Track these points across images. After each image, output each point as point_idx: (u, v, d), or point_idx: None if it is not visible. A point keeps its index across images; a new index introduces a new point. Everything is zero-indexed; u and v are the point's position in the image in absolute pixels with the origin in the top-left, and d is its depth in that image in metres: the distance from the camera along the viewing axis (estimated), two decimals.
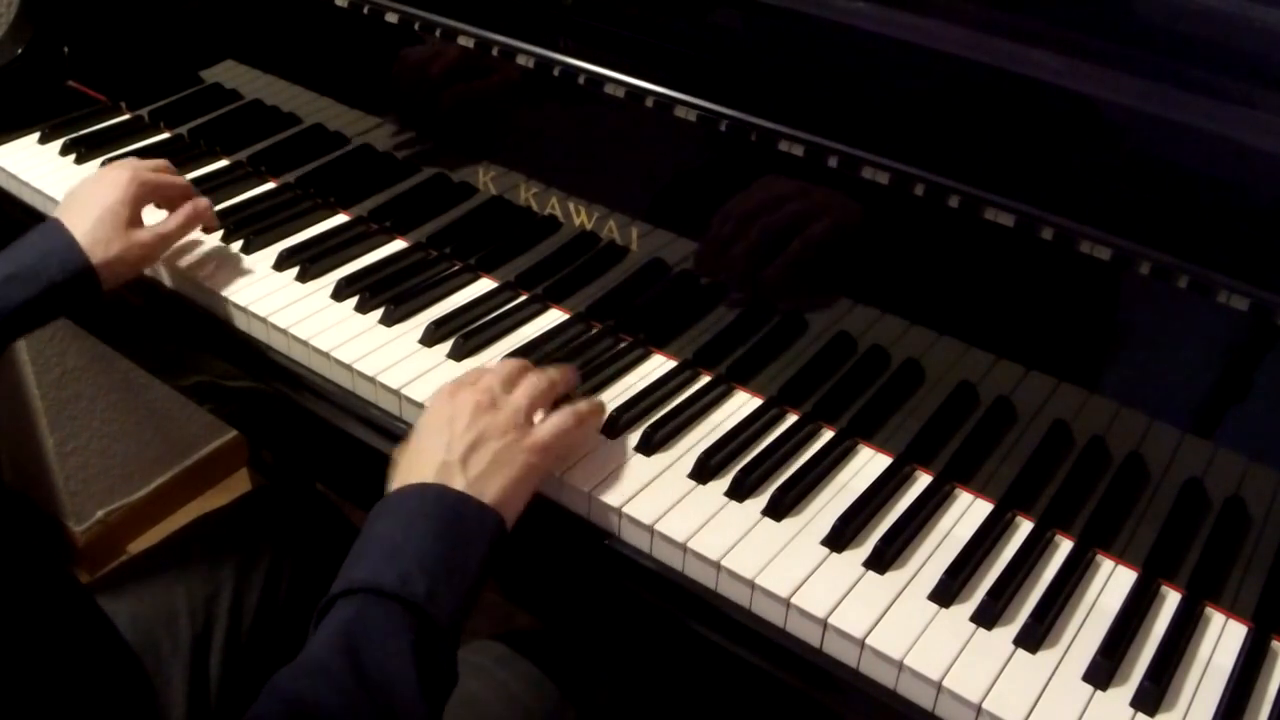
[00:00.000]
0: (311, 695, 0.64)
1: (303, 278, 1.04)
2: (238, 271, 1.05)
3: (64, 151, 1.22)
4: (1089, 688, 0.72)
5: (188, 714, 0.92)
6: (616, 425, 0.88)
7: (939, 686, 0.71)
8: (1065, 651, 0.74)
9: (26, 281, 0.90)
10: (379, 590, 0.67)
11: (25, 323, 0.92)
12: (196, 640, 0.95)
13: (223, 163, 1.23)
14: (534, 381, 0.83)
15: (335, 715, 0.63)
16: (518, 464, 0.77)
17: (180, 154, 1.22)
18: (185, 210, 1.02)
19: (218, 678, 0.95)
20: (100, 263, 0.94)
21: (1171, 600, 0.78)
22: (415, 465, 0.76)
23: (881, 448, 0.89)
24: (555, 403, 0.85)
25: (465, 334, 0.96)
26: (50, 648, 0.51)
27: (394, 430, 0.91)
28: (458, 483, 0.74)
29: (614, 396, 0.92)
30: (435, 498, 0.73)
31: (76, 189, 1.00)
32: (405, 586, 0.67)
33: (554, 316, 1.02)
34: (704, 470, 0.84)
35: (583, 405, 0.85)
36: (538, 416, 0.82)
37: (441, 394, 0.82)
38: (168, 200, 1.04)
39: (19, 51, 1.29)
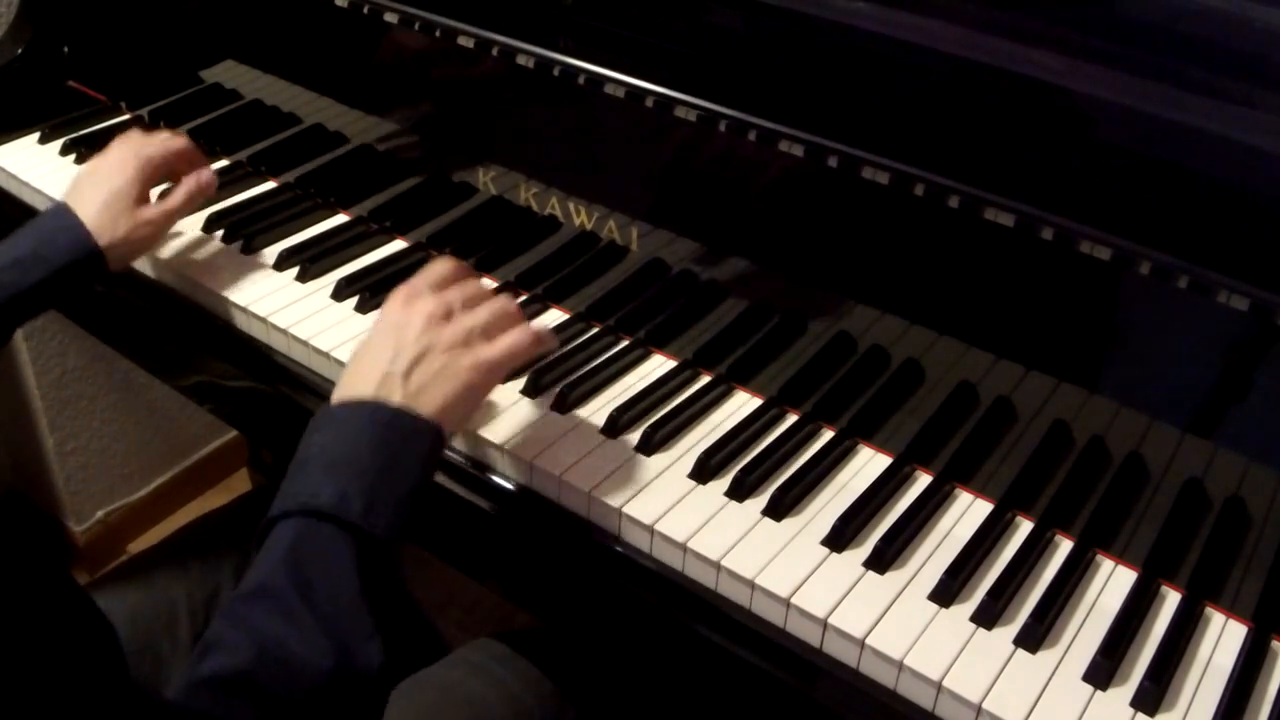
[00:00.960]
0: (261, 619, 0.65)
1: (303, 278, 1.04)
2: (238, 271, 1.05)
3: (64, 151, 1.22)
4: (1089, 688, 0.72)
5: None
6: (616, 425, 0.88)
7: (939, 686, 0.71)
8: (1065, 651, 0.74)
9: (35, 265, 0.91)
10: (318, 512, 0.68)
11: (35, 305, 0.93)
12: (196, 640, 0.95)
13: (223, 163, 1.23)
14: (497, 306, 0.82)
15: (286, 640, 0.65)
16: (461, 380, 0.77)
17: None
18: (188, 184, 1.02)
19: None
20: (108, 244, 0.95)
21: (1171, 600, 0.78)
22: (360, 372, 0.77)
23: (881, 448, 0.89)
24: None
25: None
26: (48, 648, 0.51)
27: None
28: (396, 395, 0.75)
29: (614, 396, 0.92)
30: (371, 411, 0.74)
31: (83, 171, 1.00)
32: (342, 504, 0.68)
33: (554, 316, 1.02)
34: (704, 470, 0.84)
35: (541, 330, 0.83)
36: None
37: (397, 297, 0.81)
38: (174, 173, 1.04)
39: (19, 51, 1.29)
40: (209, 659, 0.64)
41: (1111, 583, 0.79)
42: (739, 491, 0.83)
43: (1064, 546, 0.82)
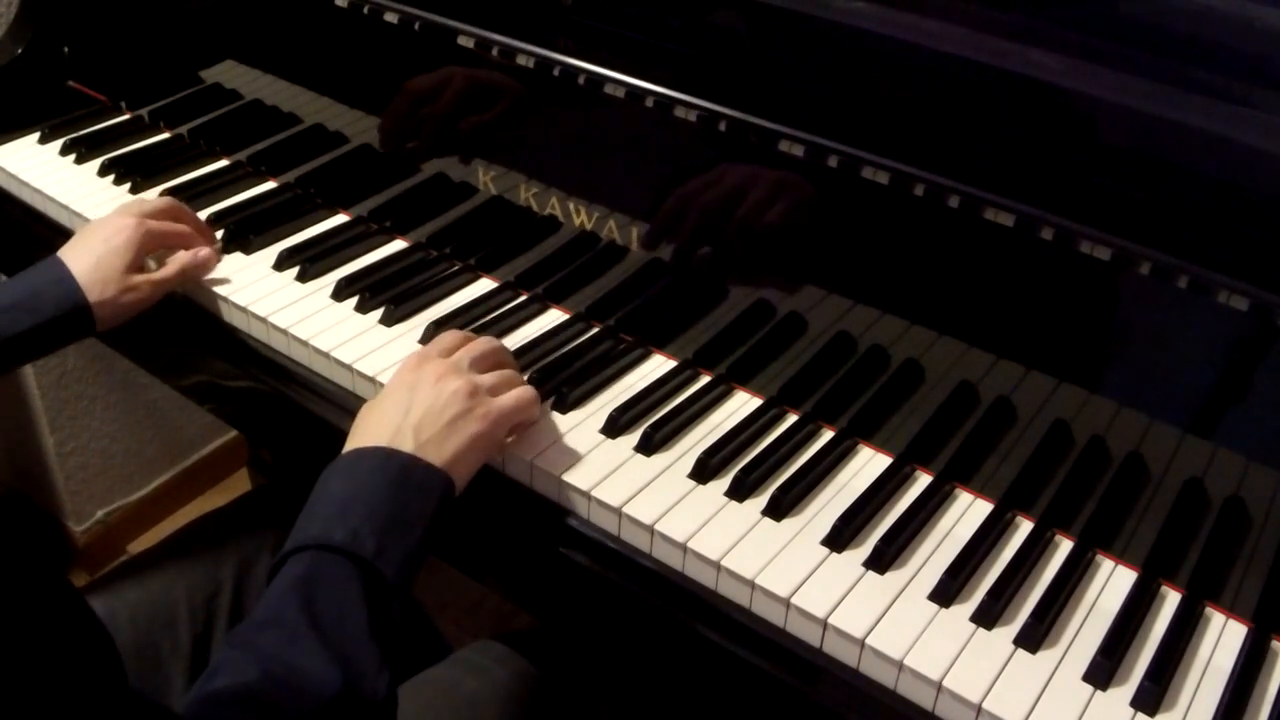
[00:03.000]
0: (270, 645, 0.66)
1: (303, 278, 1.04)
2: (238, 272, 1.05)
3: (64, 151, 1.22)
4: (1089, 688, 0.72)
5: None
6: (616, 425, 0.88)
7: (939, 686, 0.71)
8: (1065, 651, 0.74)
9: (23, 313, 0.92)
10: (330, 546, 0.70)
11: (22, 353, 0.94)
12: (196, 640, 0.95)
13: (223, 163, 1.23)
14: (504, 373, 0.86)
15: (294, 662, 0.65)
16: (469, 432, 0.80)
17: (180, 154, 1.23)
18: (183, 260, 1.02)
19: None
20: (96, 302, 0.95)
21: (1171, 600, 0.78)
22: (371, 427, 0.79)
23: (881, 448, 0.89)
24: None
25: None
26: (46, 655, 0.52)
27: None
28: (408, 445, 0.77)
29: (614, 396, 0.92)
30: (384, 459, 0.76)
31: (83, 230, 1.01)
32: (355, 542, 0.70)
33: (554, 316, 1.02)
34: (704, 470, 0.84)
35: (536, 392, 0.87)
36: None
37: (408, 363, 0.85)
38: (174, 247, 1.04)
39: (19, 51, 1.29)
40: (217, 679, 0.64)
41: (1111, 583, 0.79)
42: (739, 491, 0.83)
43: (1064, 546, 0.82)
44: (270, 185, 1.20)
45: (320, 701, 0.64)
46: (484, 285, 1.05)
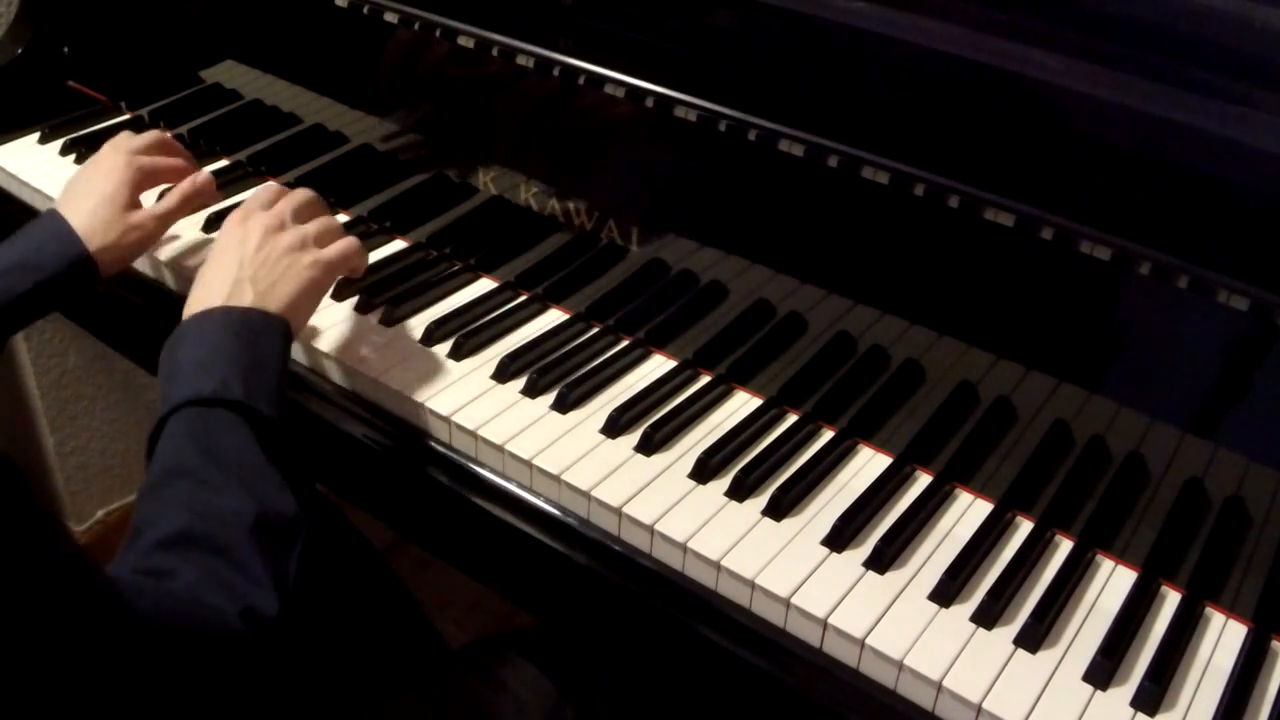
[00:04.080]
0: (185, 490, 0.70)
1: None
2: None
3: (64, 151, 1.22)
4: (1089, 688, 0.72)
5: None
6: (616, 425, 0.88)
7: (939, 686, 0.71)
8: (1065, 651, 0.74)
9: (24, 273, 0.91)
10: (204, 400, 0.75)
11: (25, 314, 0.92)
12: None
13: (223, 163, 1.23)
14: (324, 220, 0.91)
15: (209, 495, 0.70)
16: (303, 277, 0.86)
17: None
18: (183, 188, 1.02)
19: None
20: (98, 249, 0.94)
21: (1171, 600, 0.78)
22: (210, 285, 0.84)
23: (881, 448, 0.89)
24: None
25: (465, 334, 0.96)
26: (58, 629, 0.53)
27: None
28: (247, 297, 0.82)
29: (614, 396, 0.92)
30: (225, 314, 0.81)
31: (74, 178, 1.00)
32: (225, 389, 0.75)
33: (554, 316, 1.02)
34: (704, 470, 0.84)
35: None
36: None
37: (234, 218, 0.89)
38: (168, 181, 1.04)
39: (19, 51, 1.29)
40: (146, 533, 0.68)
41: (1111, 583, 0.79)
42: (739, 491, 0.83)
43: (1064, 546, 0.82)
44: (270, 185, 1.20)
45: (243, 529, 0.69)
46: (484, 285, 1.05)
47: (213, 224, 1.11)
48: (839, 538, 0.80)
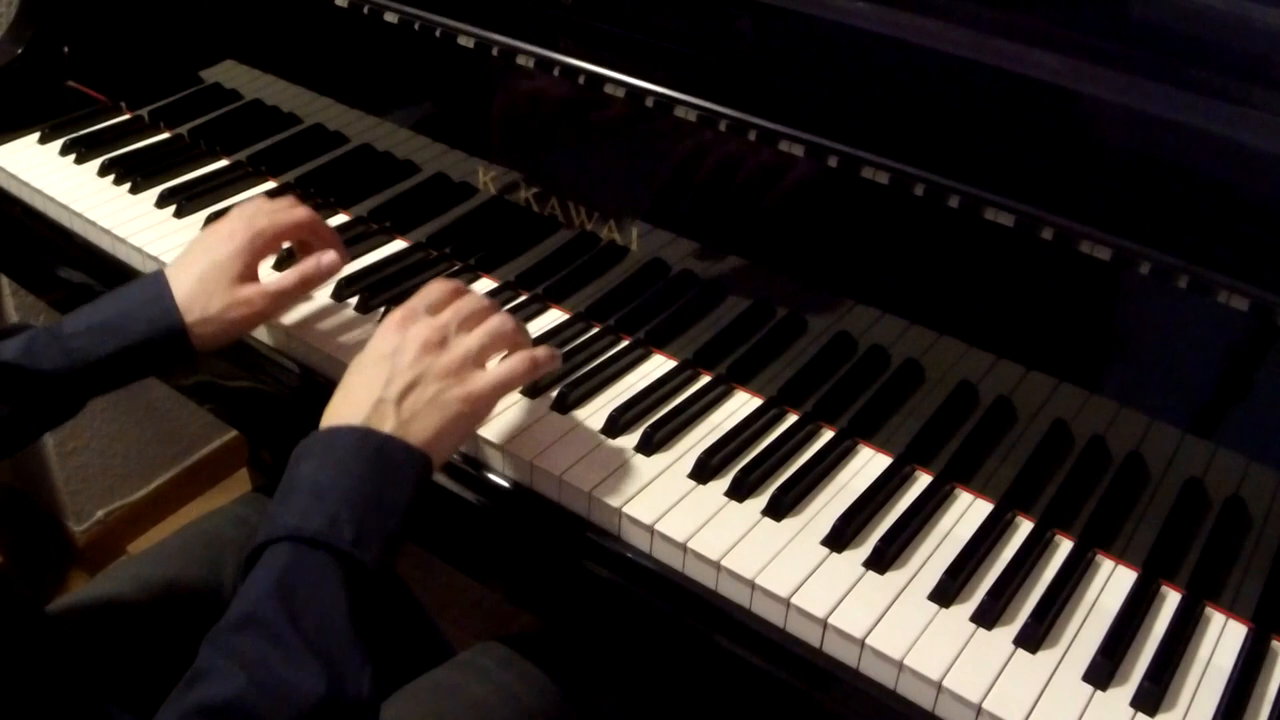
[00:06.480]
0: (252, 648, 0.64)
1: None
2: None
3: (64, 151, 1.22)
4: (1089, 688, 0.72)
5: None
6: (616, 425, 0.88)
7: (939, 686, 0.71)
8: (1065, 651, 0.74)
9: (108, 335, 0.84)
10: (308, 539, 0.67)
11: (105, 378, 0.85)
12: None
13: (223, 163, 1.23)
14: (495, 325, 0.81)
15: (278, 668, 0.63)
16: (452, 410, 0.76)
17: (180, 154, 1.23)
18: (305, 267, 0.91)
19: None
20: (196, 321, 0.86)
21: (1171, 600, 0.78)
22: (352, 397, 0.76)
23: (881, 448, 0.89)
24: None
25: None
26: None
27: None
28: (388, 423, 0.74)
29: (614, 396, 0.92)
30: (361, 439, 0.73)
31: (196, 237, 0.92)
32: (332, 531, 0.67)
33: (554, 316, 1.02)
34: (704, 470, 0.84)
35: (540, 353, 0.82)
36: (491, 360, 0.81)
37: (392, 321, 0.80)
38: (297, 243, 0.95)
39: (19, 51, 1.29)
40: (197, 688, 0.63)
41: (1111, 583, 0.79)
42: (739, 491, 0.83)
43: (1064, 546, 0.82)
44: (270, 185, 1.20)
45: (305, 708, 0.63)
46: (484, 285, 1.05)
47: (212, 223, 1.10)
48: (839, 538, 0.80)
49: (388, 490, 0.71)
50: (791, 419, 0.91)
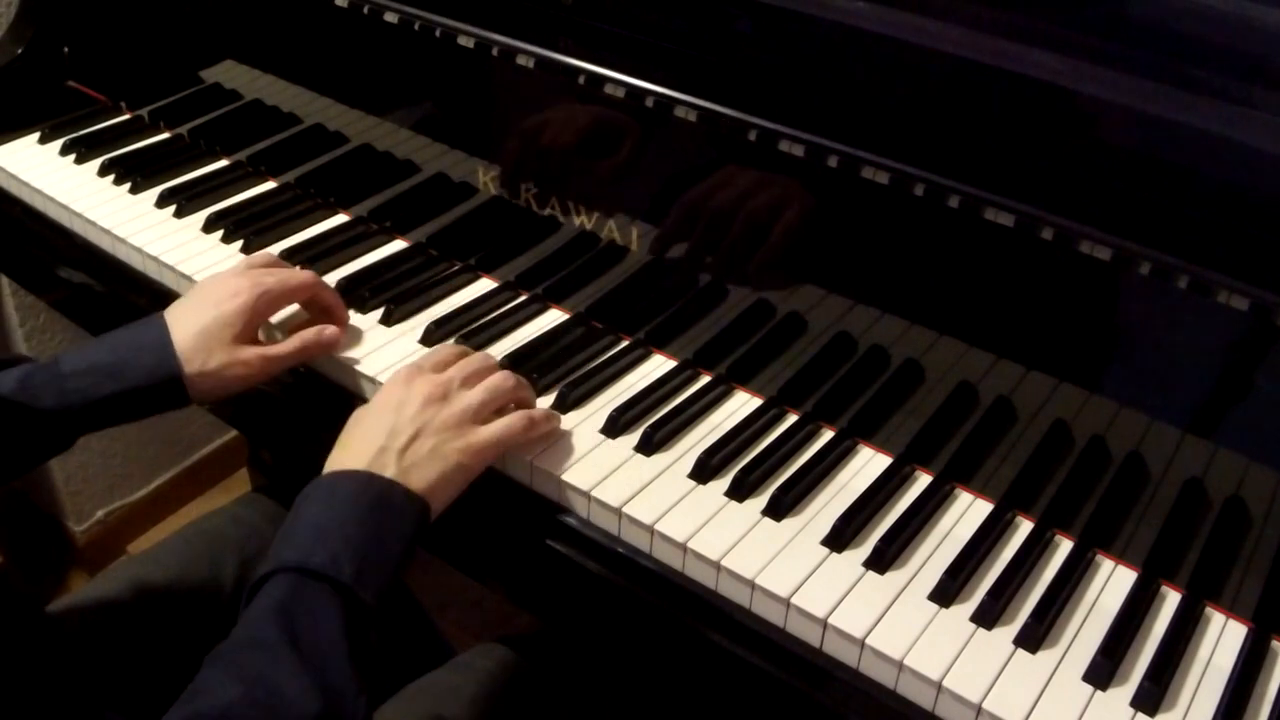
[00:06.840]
0: (252, 665, 0.66)
1: None
2: None
3: (64, 151, 1.22)
4: (1089, 688, 0.72)
5: None
6: (616, 425, 0.88)
7: (939, 686, 0.71)
8: (1065, 651, 0.74)
9: (106, 378, 0.85)
10: (310, 571, 0.70)
11: (103, 418, 0.86)
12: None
13: (223, 163, 1.23)
14: (495, 382, 0.84)
15: (275, 684, 0.65)
16: (451, 461, 0.79)
17: (180, 154, 1.23)
18: (305, 336, 0.92)
19: None
20: (194, 374, 0.86)
21: (1171, 600, 0.78)
22: (356, 443, 0.79)
23: (881, 448, 0.89)
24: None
25: (465, 334, 0.96)
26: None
27: None
28: (390, 471, 0.77)
29: (614, 396, 0.92)
30: (364, 484, 0.76)
31: (199, 285, 0.93)
32: (334, 567, 0.70)
33: (554, 316, 1.02)
34: (704, 470, 0.84)
35: (537, 413, 0.86)
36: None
37: (398, 377, 0.84)
38: (295, 301, 0.96)
39: (19, 51, 1.29)
40: (198, 699, 0.65)
41: (1111, 583, 0.79)
42: (739, 491, 0.83)
43: (1064, 546, 0.82)
44: (270, 185, 1.20)
45: None
46: (484, 285, 1.05)
47: (212, 225, 1.11)
48: (839, 538, 0.80)
49: (388, 533, 0.74)
50: (791, 419, 0.91)
